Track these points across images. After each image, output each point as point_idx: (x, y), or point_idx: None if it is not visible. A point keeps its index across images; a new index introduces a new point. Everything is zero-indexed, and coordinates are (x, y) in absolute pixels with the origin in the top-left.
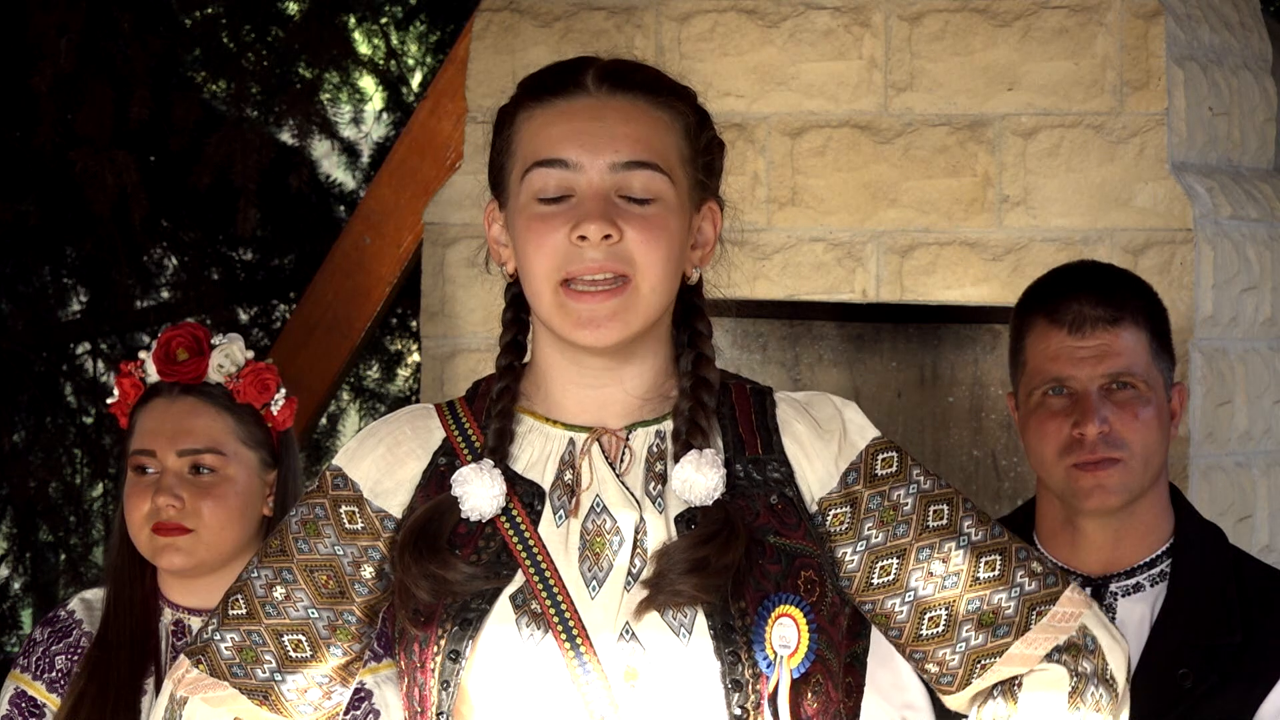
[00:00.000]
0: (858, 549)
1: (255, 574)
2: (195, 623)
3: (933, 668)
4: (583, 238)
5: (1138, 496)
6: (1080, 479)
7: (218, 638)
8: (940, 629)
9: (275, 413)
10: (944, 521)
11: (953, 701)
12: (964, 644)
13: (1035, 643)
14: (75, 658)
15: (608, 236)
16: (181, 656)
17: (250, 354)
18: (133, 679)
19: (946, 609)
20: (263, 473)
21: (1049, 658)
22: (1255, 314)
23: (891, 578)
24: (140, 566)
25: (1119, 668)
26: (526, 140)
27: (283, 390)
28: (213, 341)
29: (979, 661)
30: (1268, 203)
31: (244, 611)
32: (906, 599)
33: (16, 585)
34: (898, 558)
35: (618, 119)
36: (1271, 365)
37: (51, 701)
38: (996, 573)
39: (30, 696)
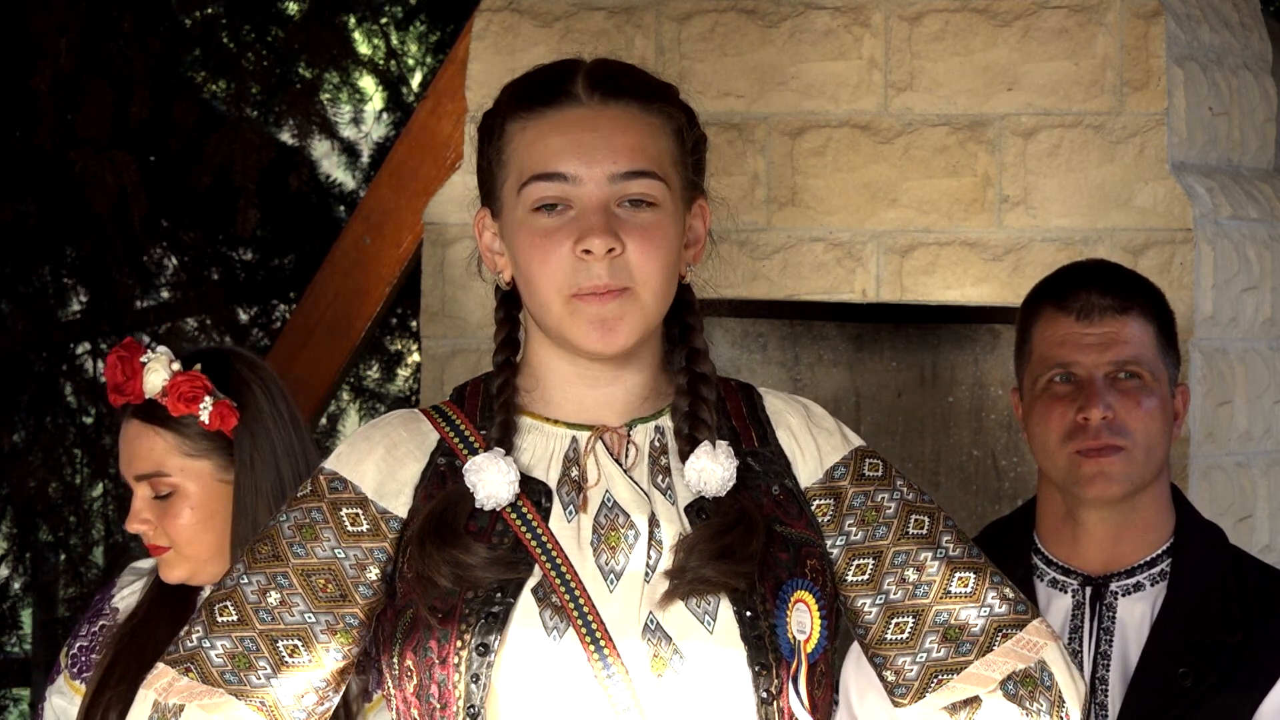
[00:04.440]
0: (837, 543)
1: (245, 580)
2: None
3: (890, 676)
4: (587, 251)
5: (1139, 489)
6: (1083, 465)
7: (206, 645)
8: (905, 636)
9: (205, 420)
10: (923, 531)
11: (904, 715)
12: (925, 655)
13: (994, 665)
14: (92, 621)
15: (611, 250)
16: (161, 665)
17: (177, 365)
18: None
19: (914, 616)
20: (224, 474)
21: (1003, 684)
22: (1255, 314)
23: (866, 577)
24: None
25: (1074, 710)
26: (521, 152)
27: (210, 397)
28: (142, 359)
29: (936, 675)
30: (1268, 203)
31: (234, 618)
32: (877, 601)
33: (16, 585)
34: (874, 558)
35: (613, 129)
36: (1271, 365)
37: (64, 665)
38: (969, 590)
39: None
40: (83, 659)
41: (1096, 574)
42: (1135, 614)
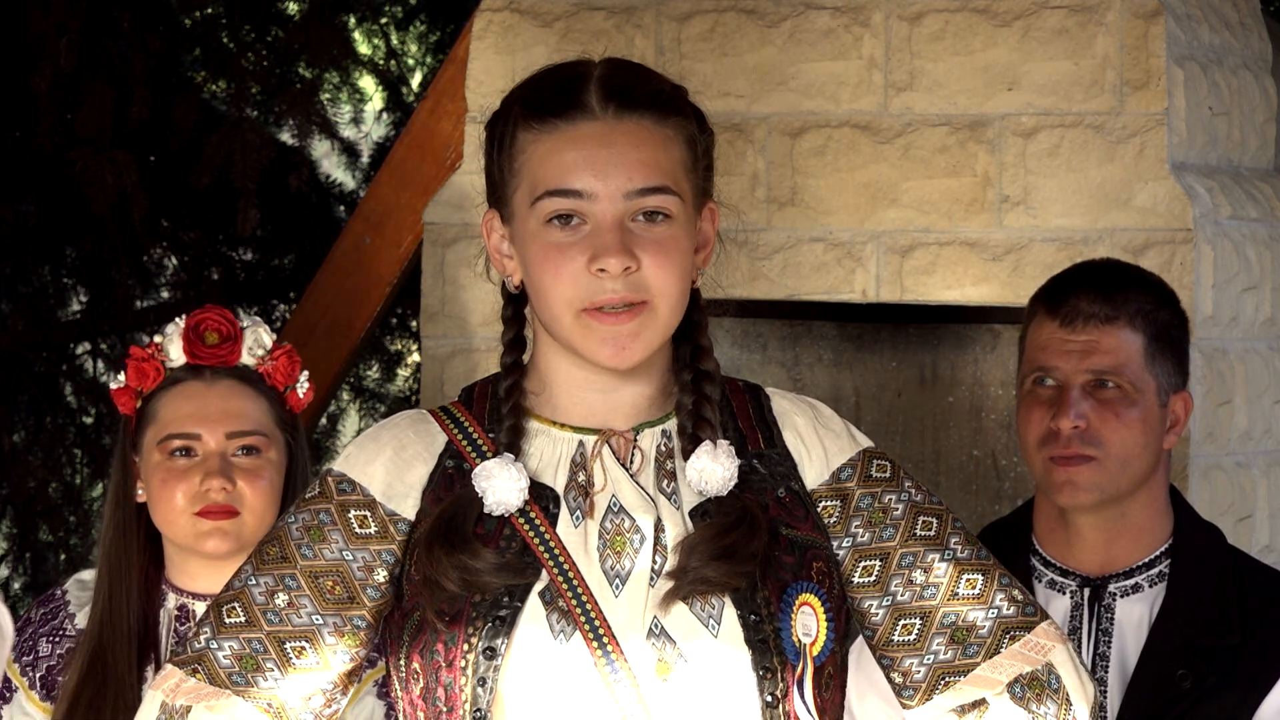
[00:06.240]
0: (843, 545)
1: (253, 581)
2: (200, 607)
3: (897, 677)
4: (602, 270)
5: (1115, 498)
6: (1054, 472)
7: (214, 646)
8: (912, 637)
9: (301, 395)
10: (931, 533)
11: (912, 717)
12: (933, 656)
13: (1001, 667)
14: (55, 641)
15: (627, 268)
16: (169, 667)
17: (274, 335)
18: (130, 675)
19: (922, 618)
20: (284, 456)
21: (1010, 687)
22: (1255, 314)
23: (873, 579)
24: (136, 555)
25: (1083, 712)
26: (535, 165)
27: (305, 372)
28: (243, 324)
29: (944, 677)
30: (1268, 203)
31: (242, 619)
32: (884, 602)
33: (16, 585)
34: (881, 560)
35: (627, 144)
36: (1271, 365)
37: (21, 684)
38: (976, 591)
39: (7, 678)
40: (50, 679)
41: (1094, 575)
42: (1134, 615)
